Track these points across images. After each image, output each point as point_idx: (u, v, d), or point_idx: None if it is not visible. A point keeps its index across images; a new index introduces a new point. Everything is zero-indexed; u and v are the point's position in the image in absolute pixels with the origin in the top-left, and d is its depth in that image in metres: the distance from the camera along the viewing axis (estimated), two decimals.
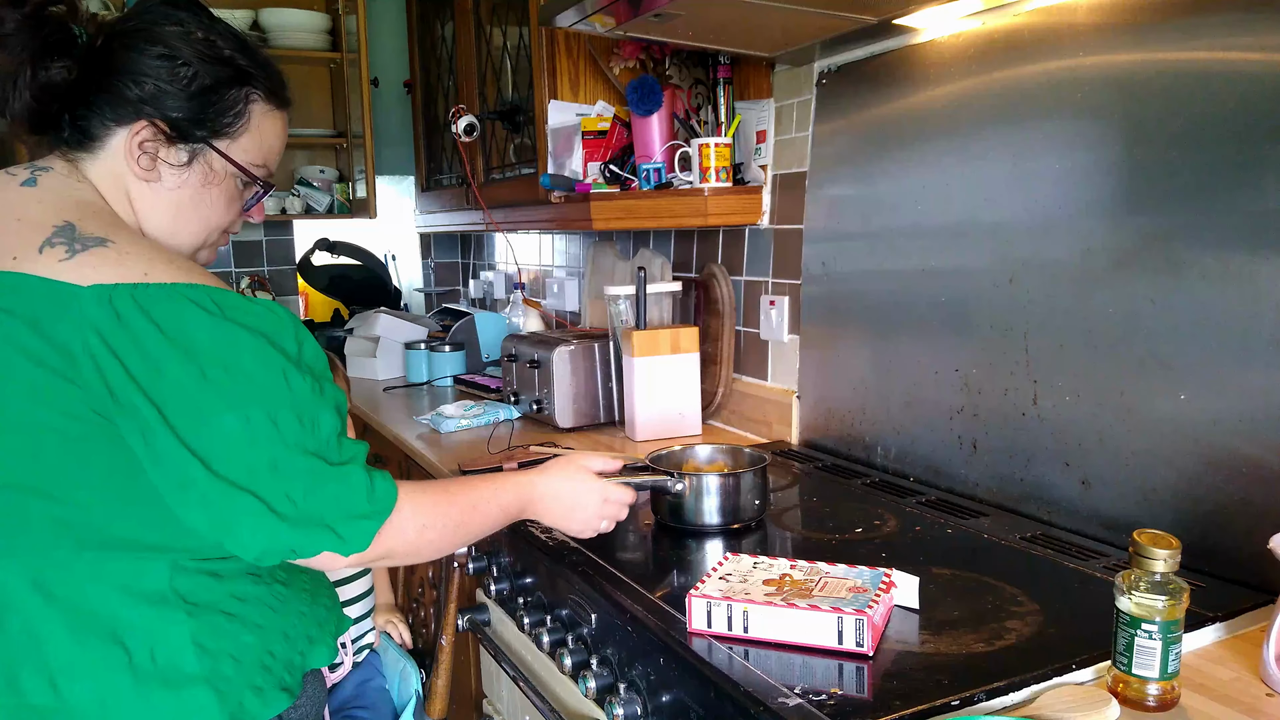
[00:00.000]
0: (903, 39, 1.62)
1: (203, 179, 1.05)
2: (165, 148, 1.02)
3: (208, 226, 1.09)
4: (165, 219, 1.05)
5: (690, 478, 1.37)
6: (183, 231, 1.07)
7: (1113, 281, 1.29)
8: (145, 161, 1.01)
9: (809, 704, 0.88)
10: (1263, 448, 1.13)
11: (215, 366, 0.90)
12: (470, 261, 3.90)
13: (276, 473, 0.91)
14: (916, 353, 1.63)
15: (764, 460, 1.45)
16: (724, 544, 1.35)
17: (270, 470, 0.91)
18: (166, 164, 1.02)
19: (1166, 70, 1.21)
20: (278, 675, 1.00)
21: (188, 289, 0.91)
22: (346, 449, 0.97)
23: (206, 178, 1.05)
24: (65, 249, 0.91)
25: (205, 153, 1.04)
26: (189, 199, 1.05)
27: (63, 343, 0.88)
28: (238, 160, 1.06)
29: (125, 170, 1.01)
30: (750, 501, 1.41)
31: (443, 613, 1.53)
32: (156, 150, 1.01)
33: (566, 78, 2.17)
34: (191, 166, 1.04)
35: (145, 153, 1.01)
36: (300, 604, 1.06)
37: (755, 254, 2.05)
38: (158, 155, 1.02)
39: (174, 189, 1.04)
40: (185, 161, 1.03)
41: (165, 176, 1.03)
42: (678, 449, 1.53)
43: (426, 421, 2.25)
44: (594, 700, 1.19)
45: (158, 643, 0.94)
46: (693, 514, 1.38)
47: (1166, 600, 0.85)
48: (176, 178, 1.03)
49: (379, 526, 0.96)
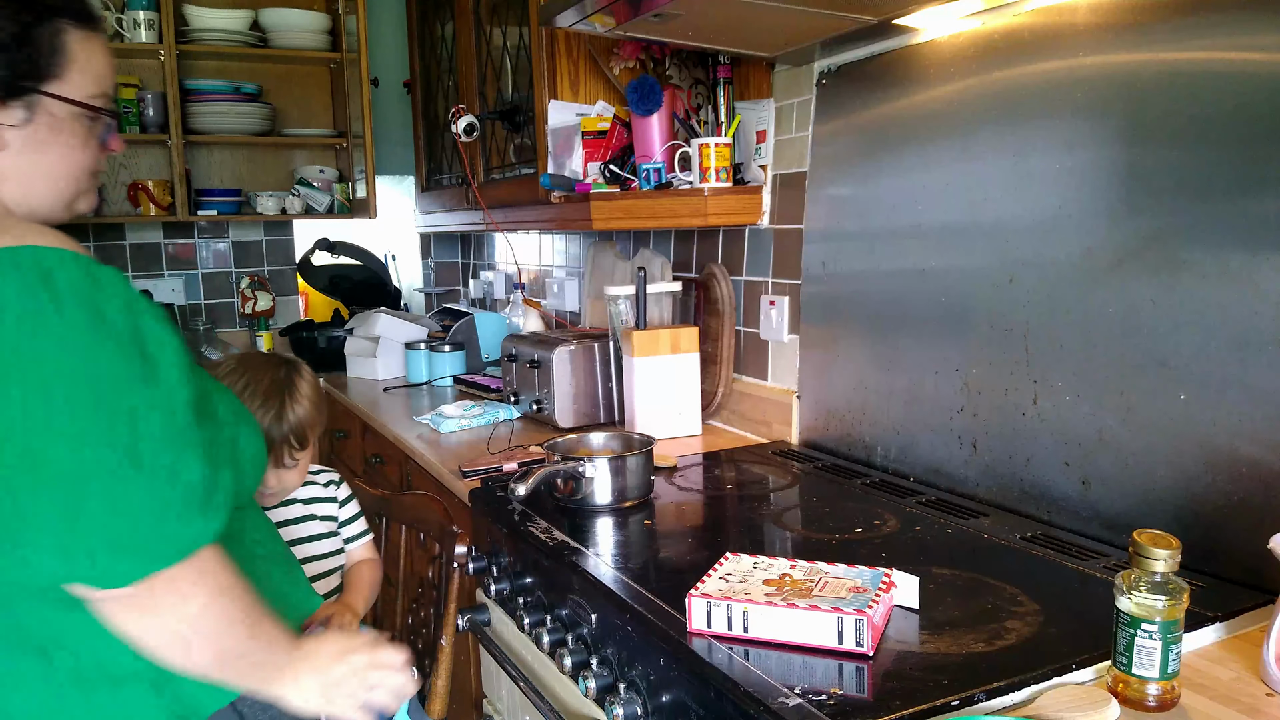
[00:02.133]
0: (903, 39, 1.62)
1: (49, 129, 0.97)
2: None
3: (73, 174, 1.01)
4: (27, 183, 0.98)
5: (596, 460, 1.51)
6: (51, 190, 1.00)
7: (1113, 281, 1.29)
8: None
9: (809, 704, 0.88)
10: (1263, 448, 1.13)
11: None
12: (470, 261, 3.90)
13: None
14: (916, 353, 1.63)
15: (651, 442, 1.61)
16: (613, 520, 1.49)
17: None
18: (6, 128, 0.94)
19: (1166, 70, 1.21)
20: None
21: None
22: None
23: (52, 127, 0.97)
24: None
25: (40, 102, 0.95)
26: (43, 155, 0.98)
27: None
28: (75, 98, 0.97)
29: None
30: (642, 481, 1.57)
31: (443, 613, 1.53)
32: None
33: (566, 78, 2.17)
34: (34, 121, 0.96)
35: None
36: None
37: (755, 254, 2.05)
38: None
39: (24, 150, 0.96)
40: (25, 119, 0.95)
41: (11, 141, 0.95)
42: (572, 438, 1.68)
43: (426, 421, 2.25)
44: (594, 700, 1.19)
45: (83, 647, 0.90)
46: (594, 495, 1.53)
47: (1166, 600, 0.85)
48: (22, 137, 0.96)
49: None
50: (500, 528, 1.54)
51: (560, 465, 1.52)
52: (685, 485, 1.70)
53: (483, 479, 1.72)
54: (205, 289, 3.58)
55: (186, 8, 3.17)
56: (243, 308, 3.61)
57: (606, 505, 1.53)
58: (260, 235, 3.66)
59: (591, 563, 1.29)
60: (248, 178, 3.55)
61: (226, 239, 3.60)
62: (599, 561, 1.30)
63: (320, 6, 3.46)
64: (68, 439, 0.81)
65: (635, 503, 1.55)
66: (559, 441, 1.66)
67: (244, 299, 3.61)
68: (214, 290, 3.60)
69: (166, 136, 3.14)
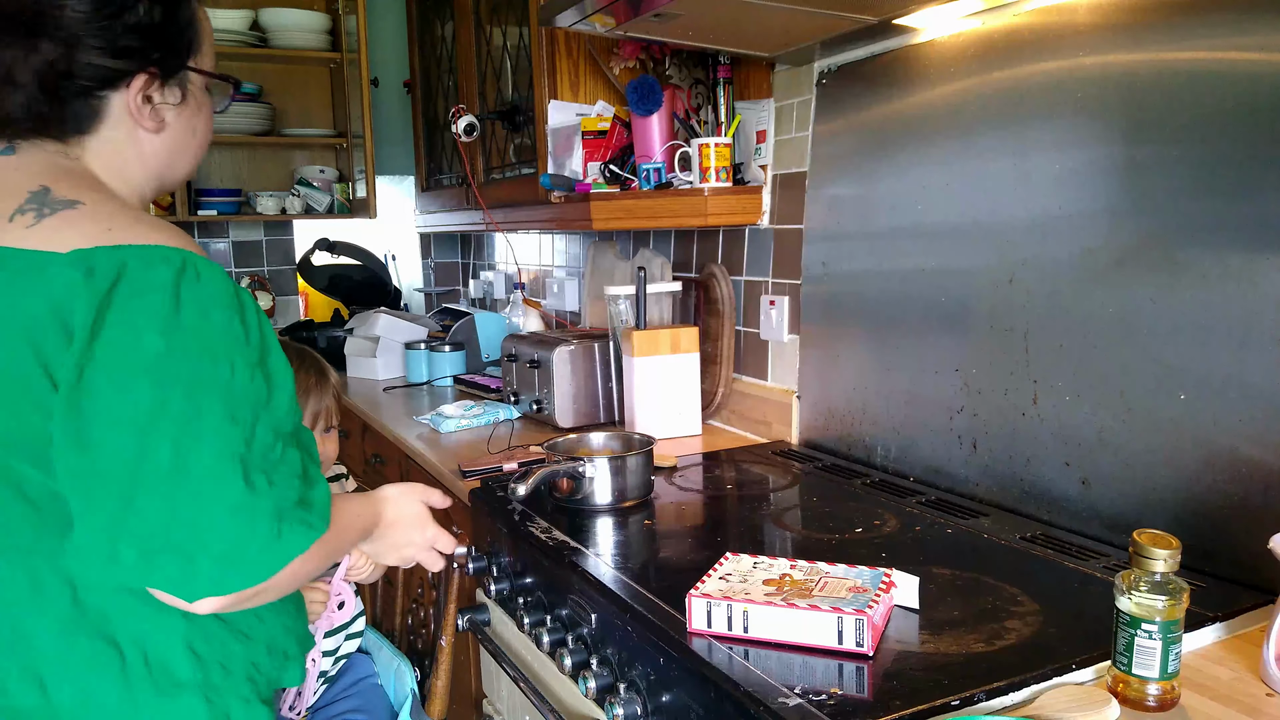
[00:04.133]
0: (903, 39, 1.62)
1: (195, 104, 1.02)
2: (159, 93, 0.97)
3: (204, 145, 1.06)
4: (173, 160, 1.02)
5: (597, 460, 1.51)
6: (188, 164, 1.05)
7: (1112, 281, 1.29)
8: (152, 115, 0.97)
9: (809, 704, 0.88)
10: (1263, 448, 1.13)
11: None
12: (470, 261, 3.90)
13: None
14: (916, 353, 1.63)
15: (651, 442, 1.61)
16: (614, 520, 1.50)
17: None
18: (168, 107, 0.98)
19: (1166, 70, 1.21)
20: (261, 687, 0.98)
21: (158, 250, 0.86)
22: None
23: (197, 101, 1.02)
24: (34, 214, 0.86)
25: (188, 78, 1.00)
26: (191, 129, 1.03)
27: (34, 315, 0.82)
28: (208, 69, 1.02)
29: (132, 132, 0.97)
30: (642, 481, 1.57)
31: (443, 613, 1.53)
32: (153, 100, 0.97)
33: (566, 78, 2.17)
34: (186, 100, 1.01)
35: (150, 105, 0.96)
36: (286, 618, 1.02)
37: (755, 254, 2.05)
38: (158, 104, 0.97)
39: (178, 128, 1.00)
40: (181, 98, 1.00)
41: (171, 121, 0.99)
42: (572, 438, 1.68)
43: (426, 421, 2.25)
44: (594, 700, 1.19)
45: (151, 645, 0.90)
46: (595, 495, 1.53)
47: (1166, 600, 0.85)
48: (178, 117, 1.00)
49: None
50: (500, 528, 1.55)
51: (560, 465, 1.52)
52: (685, 485, 1.70)
53: (483, 479, 1.72)
54: None
55: None
56: None
57: (606, 505, 1.53)
58: (260, 235, 3.66)
59: (591, 563, 1.29)
60: (248, 178, 3.55)
61: (226, 239, 3.60)
62: (599, 561, 1.30)
63: (320, 6, 3.46)
64: (198, 449, 0.82)
65: (635, 503, 1.55)
66: (559, 441, 1.66)
67: None
68: None
69: None
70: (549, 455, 1.61)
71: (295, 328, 3.37)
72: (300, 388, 1.36)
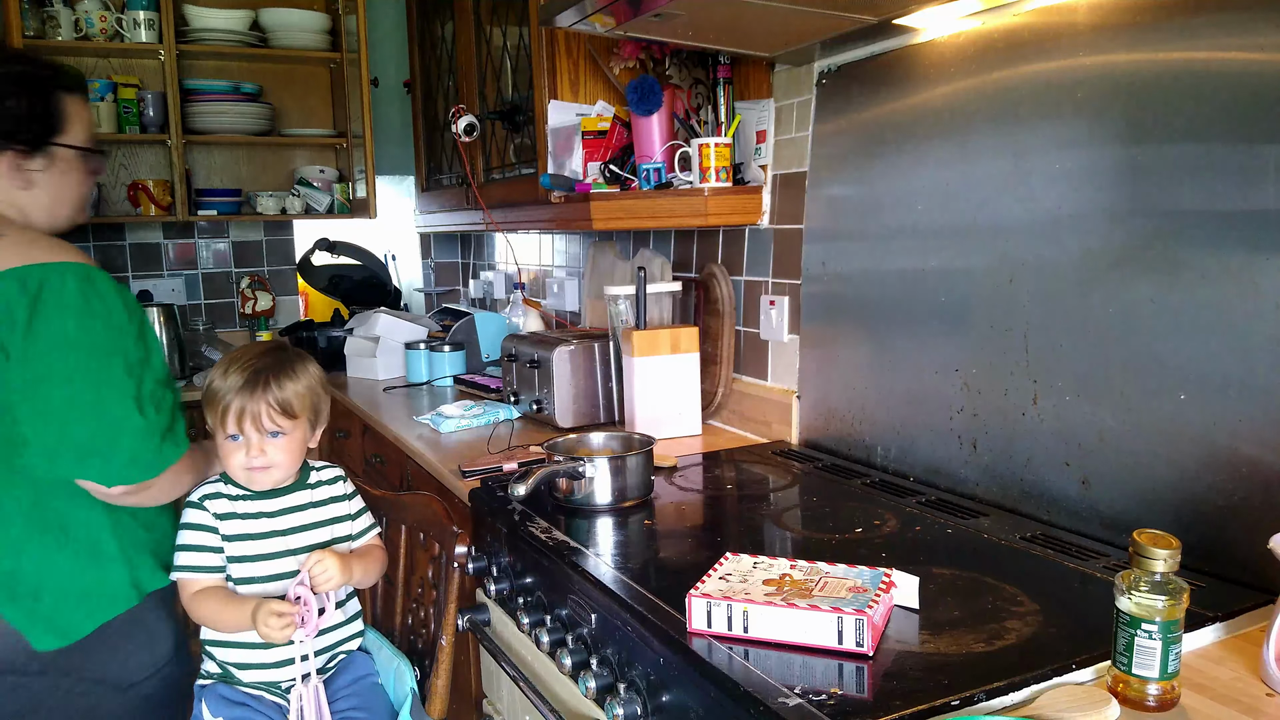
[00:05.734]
0: (903, 39, 1.62)
1: (61, 170, 1.40)
2: (26, 162, 1.35)
3: (80, 198, 1.45)
4: (50, 210, 1.41)
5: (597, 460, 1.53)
6: (66, 212, 1.44)
7: (1112, 281, 1.29)
8: (20, 179, 1.36)
9: (809, 704, 0.88)
10: (1263, 448, 1.13)
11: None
12: (470, 261, 3.90)
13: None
14: (916, 353, 1.63)
15: (651, 442, 1.62)
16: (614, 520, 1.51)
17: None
18: (33, 172, 1.37)
19: (1166, 70, 1.22)
20: (161, 561, 1.42)
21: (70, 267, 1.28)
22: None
23: (63, 168, 1.40)
24: None
25: (54, 151, 1.38)
26: (59, 188, 1.40)
27: None
28: (77, 144, 1.40)
29: (8, 188, 1.35)
30: (642, 481, 1.58)
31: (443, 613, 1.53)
32: (21, 167, 1.35)
33: (566, 78, 2.17)
34: (51, 166, 1.38)
35: (18, 170, 1.35)
36: (169, 526, 1.45)
37: (755, 254, 2.05)
38: (25, 169, 1.35)
39: (46, 187, 1.39)
40: (45, 165, 1.38)
41: (37, 181, 1.38)
42: (572, 438, 1.70)
43: (427, 421, 2.25)
44: (594, 700, 1.19)
45: (87, 531, 1.34)
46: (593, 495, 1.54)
47: (1166, 600, 0.85)
48: (43, 178, 1.38)
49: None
50: (500, 528, 1.55)
51: (560, 465, 1.52)
52: (685, 485, 1.70)
53: (483, 479, 1.72)
54: (205, 289, 3.59)
55: (186, 8, 3.17)
56: (243, 308, 3.61)
57: (606, 505, 1.53)
58: (260, 235, 3.66)
59: (591, 563, 1.29)
60: (248, 178, 3.55)
61: (226, 239, 3.60)
62: (599, 561, 1.30)
63: (320, 6, 3.46)
64: (109, 392, 1.28)
65: (635, 503, 1.55)
66: (559, 441, 1.66)
67: (244, 299, 3.61)
68: (214, 290, 3.60)
69: (166, 136, 3.14)
70: (549, 455, 1.61)
71: (295, 328, 3.37)
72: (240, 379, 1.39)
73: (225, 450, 1.41)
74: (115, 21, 3.05)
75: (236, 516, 1.42)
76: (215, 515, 1.40)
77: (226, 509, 1.42)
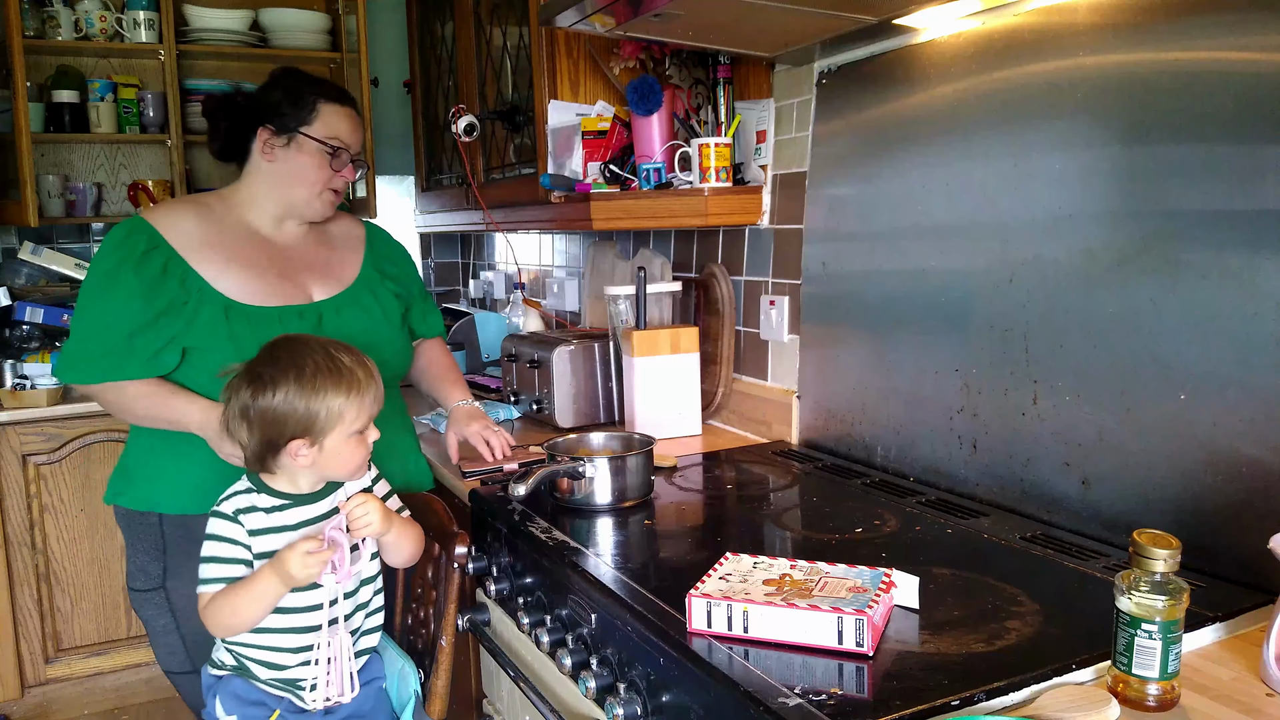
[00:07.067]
0: (903, 39, 1.62)
1: (300, 155, 1.64)
2: (274, 139, 1.63)
3: (313, 182, 1.65)
4: (284, 179, 1.65)
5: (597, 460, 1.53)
6: (298, 192, 1.66)
7: (1112, 281, 1.29)
8: (268, 152, 1.64)
9: (809, 704, 0.88)
10: (1263, 448, 1.13)
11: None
12: (470, 261, 3.90)
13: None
14: (916, 353, 1.63)
15: (651, 442, 1.62)
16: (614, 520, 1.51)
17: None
18: (276, 149, 1.63)
19: (1166, 70, 1.21)
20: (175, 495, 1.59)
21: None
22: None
23: (302, 154, 1.64)
24: None
25: (296, 138, 1.63)
26: (292, 168, 1.64)
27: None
28: (318, 138, 1.63)
29: (258, 156, 1.65)
30: (642, 481, 1.58)
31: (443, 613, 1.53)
32: (269, 142, 1.63)
33: (566, 78, 2.17)
34: (294, 150, 1.63)
35: (267, 145, 1.63)
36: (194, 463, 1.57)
37: (755, 254, 2.05)
38: (272, 144, 1.63)
39: (283, 162, 1.64)
40: (286, 146, 1.63)
41: (279, 157, 1.64)
42: (572, 438, 1.70)
43: (427, 422, 2.25)
44: (594, 700, 1.19)
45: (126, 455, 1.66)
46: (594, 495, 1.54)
47: (1166, 600, 0.85)
48: (285, 154, 1.64)
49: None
50: (500, 528, 1.55)
51: (560, 465, 1.52)
52: (685, 485, 1.70)
53: (483, 479, 1.72)
54: None
55: (186, 8, 3.17)
56: None
57: (606, 505, 1.53)
58: None
59: (591, 563, 1.29)
60: None
61: None
62: (599, 561, 1.30)
63: (320, 6, 3.46)
64: (105, 308, 1.53)
65: (635, 503, 1.55)
66: (559, 441, 1.66)
67: None
68: None
69: (166, 136, 3.14)
70: (549, 455, 1.61)
71: None
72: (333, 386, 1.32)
73: (346, 454, 1.32)
74: (115, 21, 3.05)
75: (272, 531, 1.34)
76: (249, 531, 1.32)
77: (261, 524, 1.33)
